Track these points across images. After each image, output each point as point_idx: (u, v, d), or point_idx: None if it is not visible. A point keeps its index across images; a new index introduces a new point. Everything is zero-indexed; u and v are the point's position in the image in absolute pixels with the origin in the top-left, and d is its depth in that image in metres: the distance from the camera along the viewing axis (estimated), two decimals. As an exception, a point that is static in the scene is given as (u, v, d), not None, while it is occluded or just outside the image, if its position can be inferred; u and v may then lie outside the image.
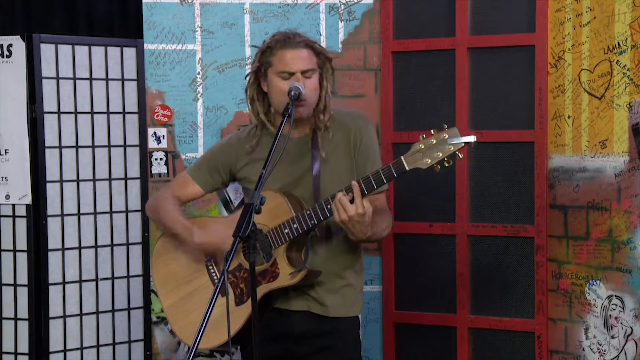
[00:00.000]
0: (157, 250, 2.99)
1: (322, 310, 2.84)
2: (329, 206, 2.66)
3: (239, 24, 3.85)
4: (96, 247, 4.06)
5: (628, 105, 3.30)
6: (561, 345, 3.56)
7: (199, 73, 3.85)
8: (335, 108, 2.89)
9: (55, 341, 3.99)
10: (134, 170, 4.11)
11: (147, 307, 4.06)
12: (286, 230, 2.72)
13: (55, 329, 3.99)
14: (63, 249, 4.00)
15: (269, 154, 2.58)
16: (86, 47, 4.01)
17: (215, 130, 3.85)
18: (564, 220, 3.53)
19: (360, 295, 2.95)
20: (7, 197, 3.97)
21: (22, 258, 3.97)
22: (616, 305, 3.36)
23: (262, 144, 2.85)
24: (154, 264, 2.99)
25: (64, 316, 4.01)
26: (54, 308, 3.99)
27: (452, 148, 2.55)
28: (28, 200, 3.95)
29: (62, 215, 3.99)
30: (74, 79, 3.99)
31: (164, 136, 3.88)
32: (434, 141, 2.57)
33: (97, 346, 4.07)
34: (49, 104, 3.94)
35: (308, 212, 2.69)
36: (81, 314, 4.04)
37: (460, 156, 2.57)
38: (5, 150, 3.96)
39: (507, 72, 3.63)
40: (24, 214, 3.96)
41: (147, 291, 4.00)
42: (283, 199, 2.74)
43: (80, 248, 4.03)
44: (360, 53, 3.85)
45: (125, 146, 4.09)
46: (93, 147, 4.04)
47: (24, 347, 3.98)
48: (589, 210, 3.44)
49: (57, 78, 3.95)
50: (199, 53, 3.85)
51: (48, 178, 3.95)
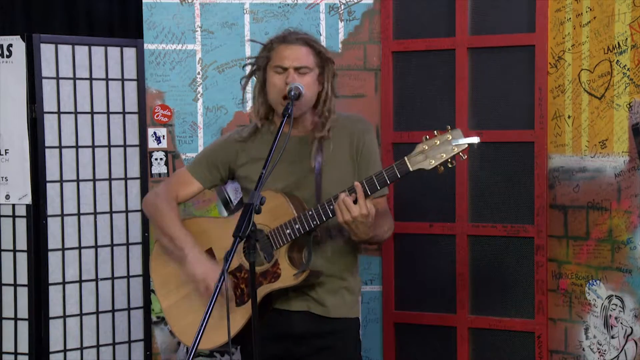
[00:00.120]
0: (156, 251, 2.98)
1: (323, 310, 2.83)
2: (331, 207, 2.65)
3: (239, 24, 3.85)
4: (96, 247, 4.06)
5: (628, 105, 3.30)
6: (561, 345, 3.56)
7: (199, 73, 3.85)
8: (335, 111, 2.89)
9: (55, 341, 3.99)
10: (134, 170, 4.11)
11: (147, 307, 4.06)
12: (288, 231, 2.71)
13: (55, 329, 3.99)
14: (63, 249, 4.00)
15: (269, 153, 2.58)
16: (86, 47, 4.01)
17: (215, 130, 3.84)
18: (564, 220, 3.53)
19: (359, 297, 2.96)
20: (7, 197, 3.96)
21: (22, 258, 3.97)
22: (616, 305, 3.36)
23: (262, 143, 2.85)
24: (152, 264, 2.98)
25: (64, 316, 4.01)
26: (54, 308, 3.99)
27: (456, 149, 2.55)
28: (28, 200, 3.95)
29: (62, 215, 3.99)
30: (74, 79, 3.99)
31: (164, 136, 3.88)
32: (438, 142, 2.57)
33: (97, 346, 4.07)
34: (49, 104, 3.93)
35: (310, 212, 2.69)
36: (81, 314, 4.04)
37: (464, 157, 2.57)
38: (5, 150, 3.96)
39: (507, 72, 3.63)
40: (24, 214, 3.96)
41: (147, 291, 4.00)
42: (284, 199, 2.74)
43: (80, 248, 4.03)
44: (360, 53, 3.85)
45: (125, 146, 4.09)
46: (93, 147, 4.04)
47: (24, 347, 3.98)
48: (589, 210, 3.44)
49: (57, 78, 3.95)
50: (199, 53, 3.85)
51: (48, 178, 3.95)
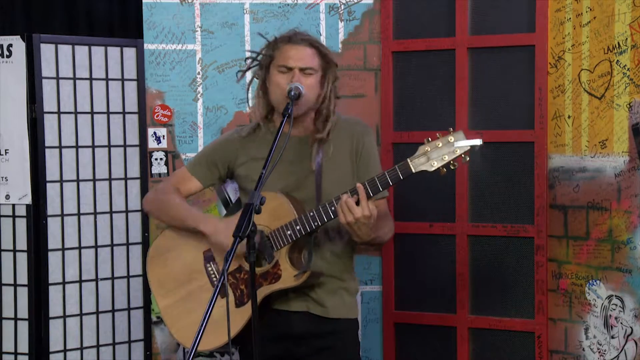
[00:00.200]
0: (154, 250, 2.97)
1: (322, 311, 2.84)
2: (333, 208, 2.65)
3: (239, 24, 3.85)
4: (96, 247, 4.05)
5: (628, 105, 3.30)
6: (561, 345, 3.56)
7: (199, 73, 3.85)
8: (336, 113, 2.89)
9: (55, 341, 3.99)
10: (134, 170, 4.11)
11: (147, 307, 4.06)
12: (289, 232, 2.71)
13: (55, 329, 3.99)
14: (63, 249, 4.00)
15: (269, 153, 2.58)
16: (86, 47, 4.01)
17: (215, 130, 3.85)
18: (564, 220, 3.53)
19: (357, 298, 2.96)
20: (7, 197, 3.96)
21: (22, 258, 3.97)
22: (616, 305, 3.36)
23: (262, 142, 2.85)
24: (149, 264, 2.96)
25: (64, 316, 4.01)
26: (54, 308, 3.98)
27: (458, 151, 2.57)
28: (28, 200, 3.95)
29: (62, 215, 3.99)
30: (74, 79, 3.98)
31: (164, 136, 3.88)
32: (440, 144, 2.58)
33: (97, 346, 4.07)
34: (49, 104, 3.93)
35: (312, 213, 2.69)
36: (81, 314, 4.04)
37: (467, 159, 2.58)
38: (5, 150, 3.96)
39: (507, 72, 3.63)
40: (24, 214, 3.96)
41: (147, 291, 4.00)
42: (285, 200, 2.74)
43: (80, 248, 4.03)
44: (360, 53, 3.85)
45: (125, 146, 4.08)
46: (93, 147, 4.04)
47: (24, 347, 3.98)
48: (589, 210, 3.44)
49: (57, 78, 3.95)
50: (199, 53, 3.85)
51: (48, 178, 3.94)
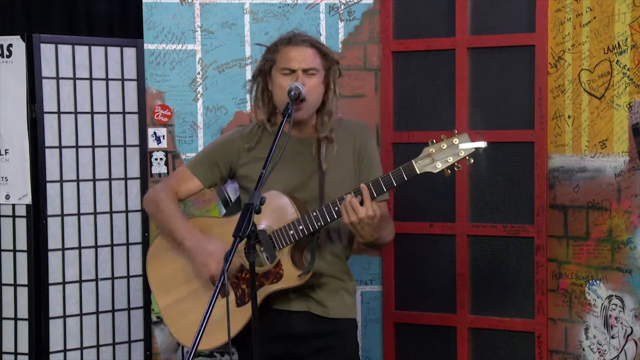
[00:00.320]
0: (154, 250, 2.97)
1: (323, 311, 2.84)
2: (336, 208, 2.66)
3: (239, 24, 3.85)
4: (96, 247, 4.05)
5: (628, 105, 3.30)
6: (561, 345, 3.56)
7: (199, 73, 3.85)
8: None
9: (55, 341, 3.99)
10: (134, 170, 4.10)
11: (147, 307, 4.06)
12: (291, 232, 2.71)
13: (55, 329, 3.99)
14: (63, 249, 4.00)
15: (269, 153, 2.58)
16: (86, 47, 4.00)
17: (215, 130, 3.85)
18: (564, 220, 3.53)
19: (355, 299, 2.97)
20: (7, 197, 3.96)
21: (22, 258, 3.97)
22: (616, 305, 3.36)
23: (263, 143, 2.84)
24: (149, 263, 2.96)
25: (64, 316, 4.01)
26: (54, 308, 3.98)
27: (463, 153, 2.59)
28: (28, 200, 3.95)
29: (62, 215, 3.99)
30: (74, 79, 3.98)
31: (164, 136, 3.88)
32: (445, 146, 2.59)
33: (97, 346, 4.07)
34: (49, 104, 3.93)
35: (315, 214, 2.69)
36: (81, 314, 4.04)
37: (471, 161, 2.60)
38: (5, 150, 3.96)
39: (507, 72, 3.63)
40: (24, 214, 3.95)
41: (147, 291, 4.00)
42: (288, 200, 2.74)
43: (80, 248, 4.02)
44: (360, 53, 3.85)
45: (125, 146, 4.08)
46: (93, 147, 4.04)
47: (24, 347, 3.98)
48: (589, 210, 3.44)
49: (57, 78, 3.95)
50: (199, 53, 3.85)
51: (48, 178, 3.94)
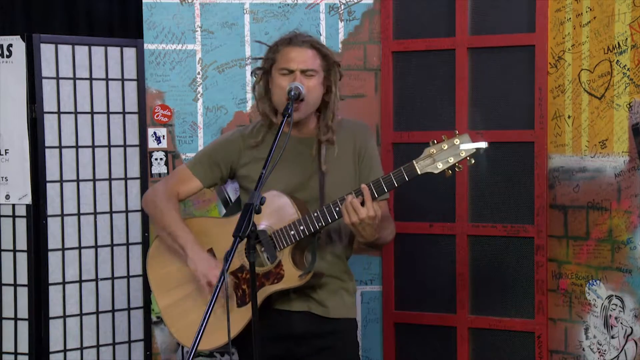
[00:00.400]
0: (154, 250, 2.97)
1: (323, 311, 2.84)
2: (337, 209, 2.66)
3: (239, 24, 3.85)
4: (96, 247, 4.05)
5: (628, 105, 3.30)
6: (561, 345, 3.56)
7: (199, 73, 3.85)
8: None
9: (55, 341, 3.99)
10: (134, 170, 4.10)
11: (147, 307, 4.06)
12: (292, 232, 2.71)
13: (55, 329, 3.99)
14: (63, 249, 3.99)
15: (269, 153, 2.58)
16: (86, 47, 4.00)
17: (215, 130, 3.84)
18: (564, 220, 3.53)
19: (355, 299, 2.97)
20: (7, 197, 3.96)
21: (22, 258, 3.97)
22: (616, 305, 3.36)
23: (265, 142, 2.84)
24: (149, 263, 2.96)
25: (64, 316, 4.00)
26: (54, 308, 3.98)
27: (464, 153, 2.59)
28: (28, 200, 3.94)
29: (62, 215, 3.98)
30: (74, 79, 3.98)
31: (164, 136, 3.88)
32: (445, 146, 2.60)
33: (97, 346, 4.07)
34: (49, 104, 3.93)
35: (315, 214, 2.69)
36: (81, 314, 4.04)
37: (472, 162, 2.61)
38: (5, 150, 3.96)
39: (507, 72, 3.63)
40: (24, 214, 3.95)
41: (147, 291, 4.00)
42: (289, 200, 2.74)
43: (80, 248, 4.02)
44: (360, 53, 3.85)
45: (125, 146, 4.08)
46: (93, 147, 4.04)
47: (24, 347, 3.98)
48: (589, 210, 3.44)
49: (57, 78, 3.95)
50: (199, 53, 3.85)
51: (48, 178, 3.94)
